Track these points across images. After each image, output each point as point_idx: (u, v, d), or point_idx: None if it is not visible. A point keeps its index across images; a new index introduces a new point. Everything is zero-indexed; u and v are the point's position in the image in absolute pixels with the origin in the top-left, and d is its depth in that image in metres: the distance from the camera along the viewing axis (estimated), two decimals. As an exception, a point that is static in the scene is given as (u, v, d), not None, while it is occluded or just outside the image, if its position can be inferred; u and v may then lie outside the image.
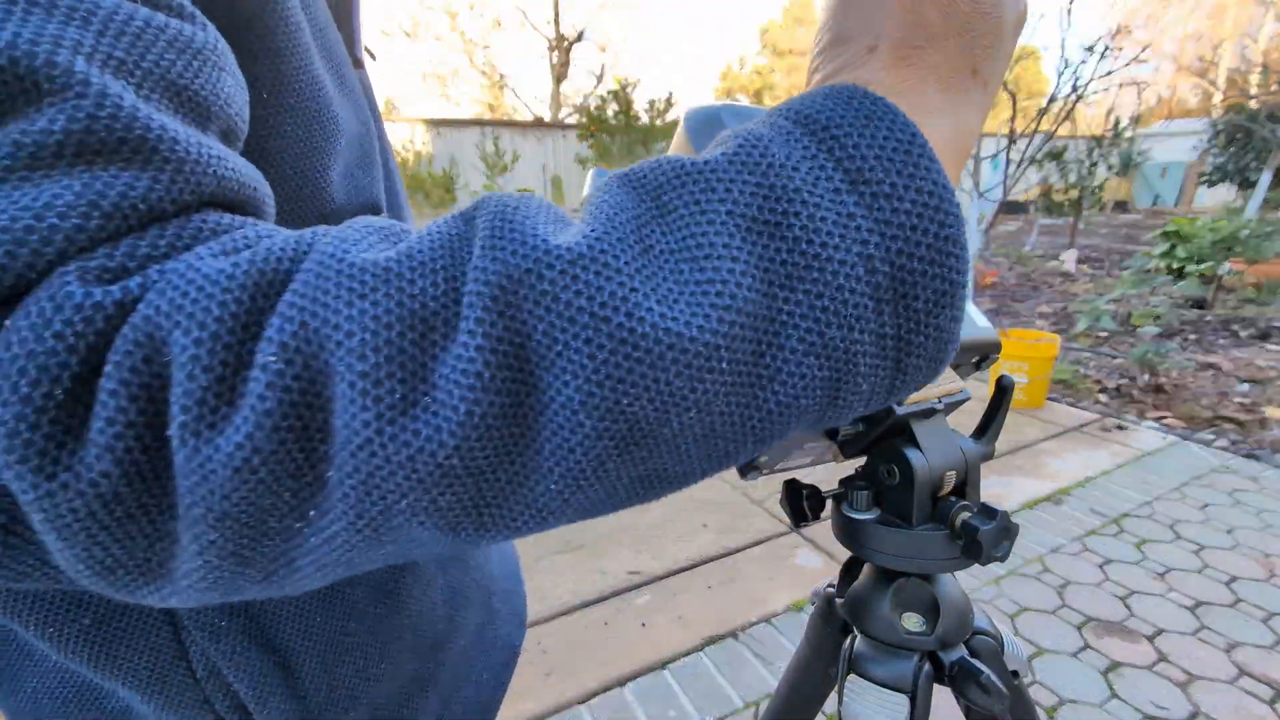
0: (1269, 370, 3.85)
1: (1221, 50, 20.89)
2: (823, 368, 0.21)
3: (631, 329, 0.19)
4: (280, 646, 0.35)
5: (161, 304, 0.18)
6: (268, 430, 0.18)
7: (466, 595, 0.48)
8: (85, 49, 0.19)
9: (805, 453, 0.54)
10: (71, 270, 0.18)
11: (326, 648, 0.37)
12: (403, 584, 0.41)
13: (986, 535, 0.44)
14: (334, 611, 0.37)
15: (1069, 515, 2.33)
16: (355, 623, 0.39)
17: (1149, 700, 1.49)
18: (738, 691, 1.53)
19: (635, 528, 2.29)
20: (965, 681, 0.48)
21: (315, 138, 0.33)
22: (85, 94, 0.18)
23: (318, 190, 0.34)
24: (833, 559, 2.07)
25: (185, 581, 0.20)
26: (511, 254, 0.19)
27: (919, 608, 0.51)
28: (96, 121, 0.18)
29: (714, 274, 0.19)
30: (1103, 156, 8.99)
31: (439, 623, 0.44)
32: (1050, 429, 3.13)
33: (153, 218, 0.19)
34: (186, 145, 0.20)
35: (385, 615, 0.40)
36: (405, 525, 0.20)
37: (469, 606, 0.48)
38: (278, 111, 0.31)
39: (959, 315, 0.22)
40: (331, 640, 0.38)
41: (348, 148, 0.37)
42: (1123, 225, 12.11)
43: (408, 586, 0.42)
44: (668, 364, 0.19)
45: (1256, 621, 1.76)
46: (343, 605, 0.38)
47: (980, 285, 6.53)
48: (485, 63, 20.10)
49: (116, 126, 0.18)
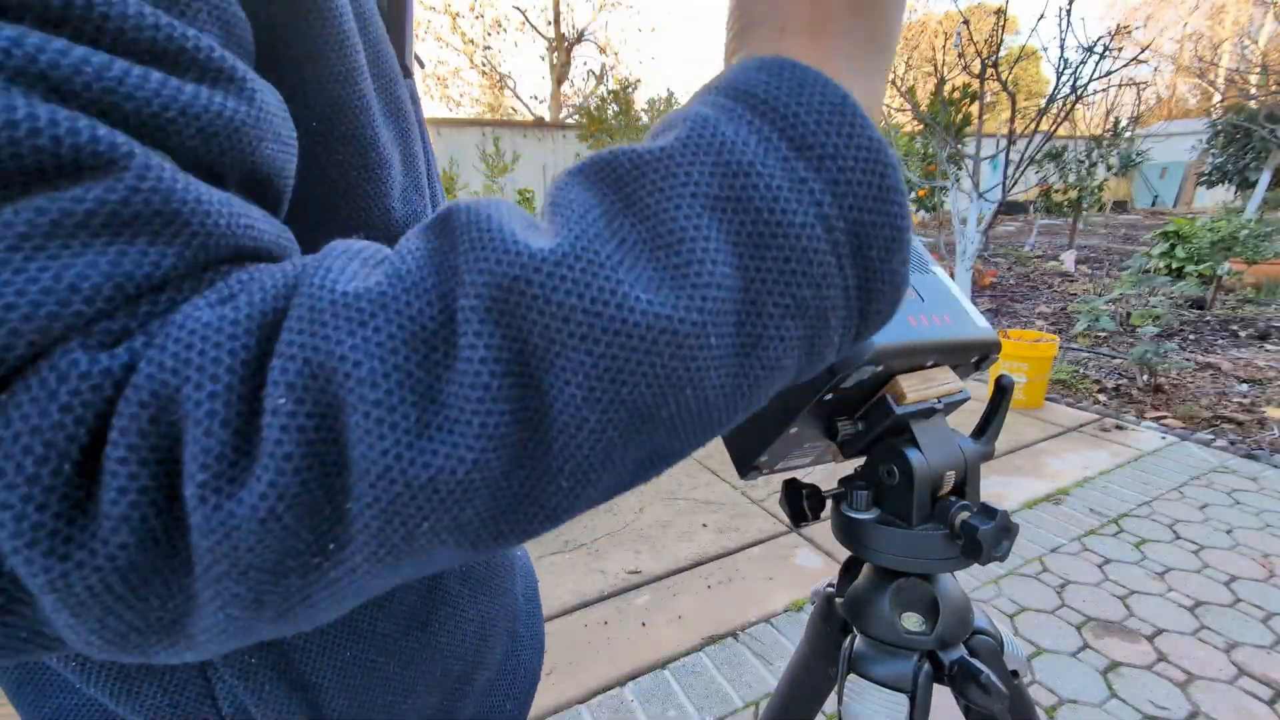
0: (1268, 370, 3.85)
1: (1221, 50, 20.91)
2: (799, 326, 0.22)
3: (624, 320, 0.19)
4: (309, 683, 0.34)
5: (165, 360, 0.17)
6: (289, 475, 0.18)
7: (494, 625, 0.46)
8: (131, 125, 0.18)
9: (805, 453, 0.54)
10: (74, 338, 0.17)
11: (355, 682, 0.36)
12: (435, 616, 0.40)
13: (986, 535, 0.44)
14: (364, 645, 0.36)
15: (1068, 515, 2.33)
16: (384, 657, 0.37)
17: (1148, 700, 1.49)
18: (738, 691, 1.53)
19: (635, 528, 2.29)
20: (965, 681, 0.48)
21: (371, 165, 0.33)
22: (129, 166, 0.18)
23: (374, 220, 0.33)
24: (833, 559, 2.07)
25: (203, 637, 0.20)
26: (496, 263, 0.19)
27: (919, 607, 0.51)
28: (136, 194, 0.18)
29: (690, 256, 0.20)
30: (1102, 157, 9.00)
31: (468, 654, 0.43)
32: (1049, 429, 3.13)
33: (165, 285, 0.19)
34: (217, 215, 0.20)
35: (416, 648, 0.39)
36: (427, 547, 0.20)
37: (495, 636, 0.46)
38: (328, 141, 0.31)
39: (908, 258, 0.23)
40: (360, 675, 0.36)
41: (403, 172, 0.36)
42: (1122, 225, 12.12)
43: (440, 619, 0.40)
44: (661, 348, 0.19)
45: (1256, 621, 1.76)
46: (373, 638, 0.36)
47: (980, 285, 6.53)
48: (485, 63, 20.11)
49: (155, 200, 0.18)
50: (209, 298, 0.19)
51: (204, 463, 0.17)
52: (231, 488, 0.17)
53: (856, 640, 0.54)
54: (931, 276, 0.52)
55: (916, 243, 0.56)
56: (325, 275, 0.20)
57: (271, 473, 0.17)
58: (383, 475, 0.18)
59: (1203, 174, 12.26)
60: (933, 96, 6.17)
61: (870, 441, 0.50)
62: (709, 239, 0.20)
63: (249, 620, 0.20)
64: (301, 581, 0.20)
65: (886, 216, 0.22)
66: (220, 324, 0.18)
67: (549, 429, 0.20)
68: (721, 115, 0.22)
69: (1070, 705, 1.48)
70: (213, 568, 0.18)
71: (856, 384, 0.44)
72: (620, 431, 0.20)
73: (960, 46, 4.64)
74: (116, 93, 0.18)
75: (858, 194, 0.21)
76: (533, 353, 0.19)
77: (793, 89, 0.22)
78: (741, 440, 0.54)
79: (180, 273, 0.19)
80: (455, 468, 0.19)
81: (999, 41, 4.49)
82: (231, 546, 0.18)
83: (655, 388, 0.20)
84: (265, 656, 0.33)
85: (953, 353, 0.49)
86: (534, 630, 0.55)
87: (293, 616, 0.21)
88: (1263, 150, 10.85)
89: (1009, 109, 4.43)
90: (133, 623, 0.18)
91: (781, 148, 0.21)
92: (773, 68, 0.23)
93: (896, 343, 0.44)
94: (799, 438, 0.50)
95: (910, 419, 0.47)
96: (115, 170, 0.18)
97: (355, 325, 0.19)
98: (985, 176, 4.72)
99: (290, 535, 0.18)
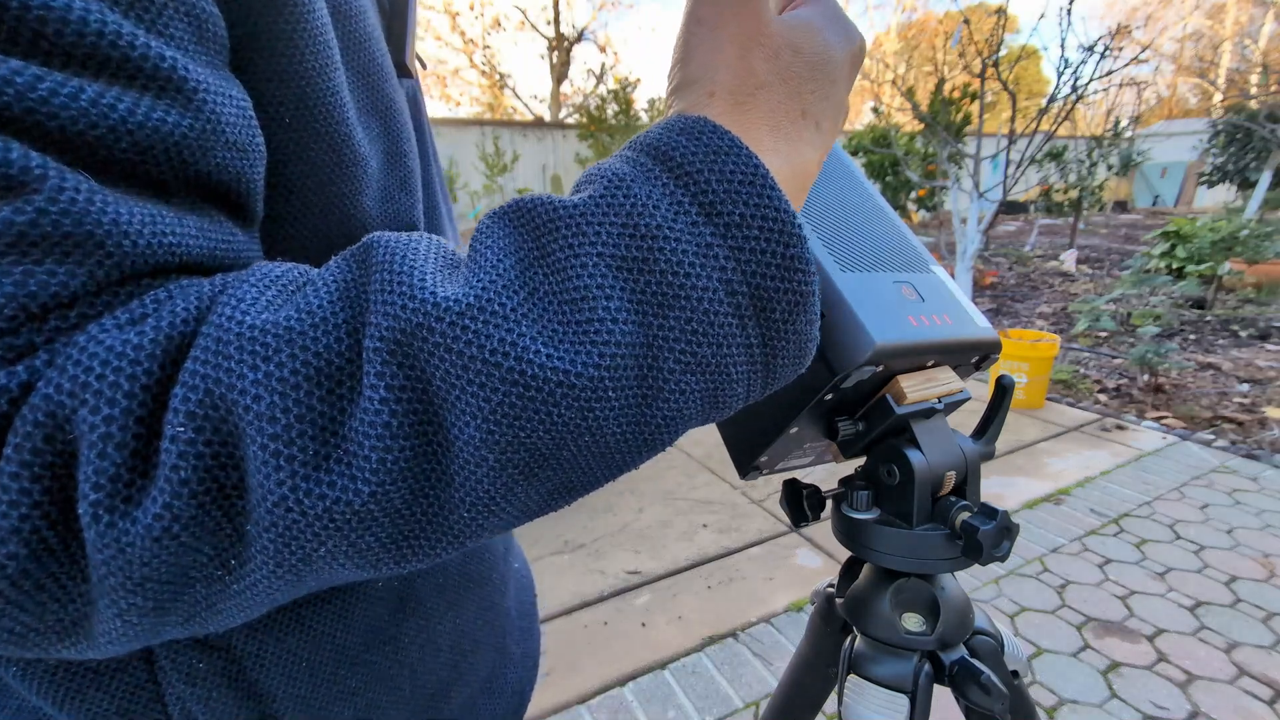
0: (1269, 370, 3.85)
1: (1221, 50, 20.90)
2: (699, 381, 0.23)
3: (522, 371, 0.20)
4: (261, 691, 0.32)
5: (63, 382, 0.18)
6: (185, 498, 0.18)
7: (476, 639, 0.44)
8: (54, 142, 0.18)
9: (805, 453, 0.54)
10: None
11: (313, 693, 0.34)
12: (404, 629, 0.38)
13: (986, 535, 0.44)
14: (322, 656, 0.34)
15: (1069, 515, 2.33)
16: (346, 670, 0.35)
17: (1149, 700, 1.49)
18: (738, 691, 1.53)
19: (635, 528, 2.29)
20: (965, 681, 0.48)
21: (345, 163, 0.32)
22: (40, 189, 0.18)
23: (348, 216, 0.33)
24: (833, 559, 2.07)
25: (104, 639, 0.20)
26: (402, 308, 0.20)
27: (919, 608, 0.51)
28: (45, 216, 0.18)
29: (592, 313, 0.21)
30: (1103, 156, 8.99)
31: (441, 670, 0.41)
32: (1050, 429, 3.13)
33: (74, 303, 0.19)
34: (136, 235, 0.20)
35: (381, 662, 0.37)
36: (326, 567, 0.21)
37: (478, 651, 0.44)
38: (301, 136, 0.30)
39: (814, 318, 0.25)
40: (319, 688, 0.34)
41: (386, 170, 0.36)
42: (1122, 225, 12.12)
43: (410, 632, 0.38)
44: (558, 399, 0.20)
45: (1256, 621, 1.76)
46: (333, 649, 0.34)
47: (980, 285, 6.53)
48: (485, 63, 20.12)
49: (65, 222, 0.18)
50: (119, 317, 0.20)
51: (96, 482, 0.18)
52: (126, 506, 0.18)
53: (857, 640, 0.54)
54: (931, 276, 0.52)
55: (917, 242, 0.56)
56: (238, 305, 0.20)
57: (167, 495, 0.18)
58: (279, 504, 0.19)
59: (1203, 174, 12.26)
60: (933, 96, 6.17)
61: (870, 441, 0.50)
62: (611, 298, 0.21)
63: (152, 624, 0.20)
64: (206, 591, 0.20)
65: (789, 284, 0.23)
66: (124, 348, 0.19)
67: (450, 465, 0.20)
68: (638, 175, 0.23)
69: (1070, 705, 1.48)
70: (107, 579, 0.18)
71: (856, 384, 0.44)
72: (520, 470, 0.21)
73: (960, 45, 4.64)
74: (39, 111, 0.18)
75: (761, 261, 0.22)
76: (435, 394, 0.20)
77: (708, 155, 0.23)
78: (741, 440, 0.54)
79: (91, 291, 0.20)
80: (352, 499, 0.19)
81: (999, 41, 4.49)
82: (125, 561, 0.18)
83: (553, 434, 0.21)
84: (213, 662, 0.31)
85: (953, 353, 0.49)
86: (527, 648, 0.52)
87: (200, 621, 0.21)
88: (1263, 150, 10.84)
89: (1009, 108, 4.43)
90: (30, 624, 0.19)
91: (692, 212, 0.22)
92: (693, 131, 0.23)
93: (897, 343, 0.44)
94: (799, 438, 0.50)
95: (910, 419, 0.47)
96: (25, 191, 0.18)
97: (260, 360, 0.19)
98: (986, 176, 4.72)
99: (190, 551, 0.19)
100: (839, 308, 0.44)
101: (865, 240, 0.51)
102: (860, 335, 0.43)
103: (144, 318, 0.20)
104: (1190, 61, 22.25)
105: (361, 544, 0.20)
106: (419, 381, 0.20)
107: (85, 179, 0.19)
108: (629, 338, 0.21)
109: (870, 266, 0.49)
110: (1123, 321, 4.60)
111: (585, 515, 2.40)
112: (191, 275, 0.23)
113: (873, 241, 0.52)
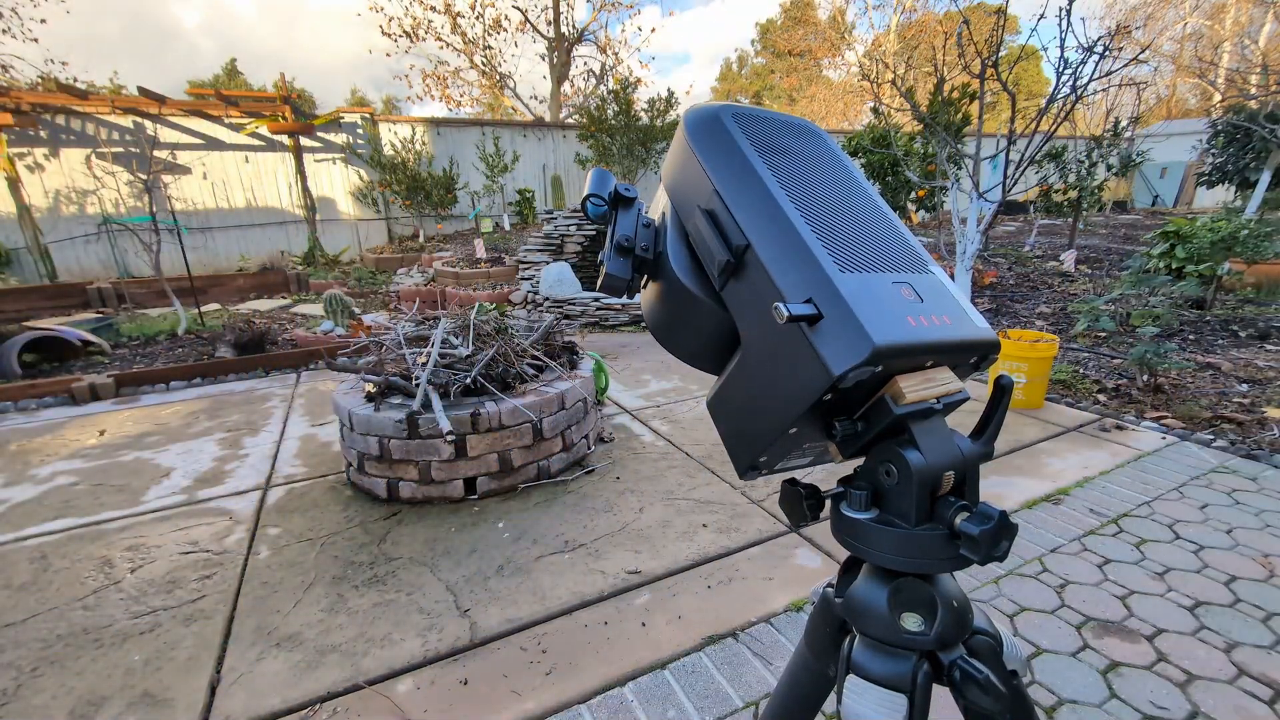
0: (1268, 370, 3.85)
1: (1221, 50, 20.90)
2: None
3: None
4: None
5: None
6: None
7: None
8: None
9: (805, 453, 0.54)
10: None
11: None
12: None
13: (985, 535, 0.44)
14: None
15: (1068, 515, 2.33)
16: None
17: (1149, 700, 1.49)
18: (737, 691, 1.53)
19: (635, 528, 2.29)
20: (964, 681, 0.48)
21: None
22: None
23: None
24: (832, 559, 2.07)
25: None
26: None
27: (918, 608, 0.51)
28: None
29: None
30: (1102, 156, 8.98)
31: None
32: (1049, 429, 3.13)
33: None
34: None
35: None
36: None
37: None
38: None
39: None
40: None
41: None
42: (1122, 225, 12.11)
43: None
44: None
45: (1256, 621, 1.76)
46: None
47: (980, 285, 6.52)
48: (485, 63, 20.09)
49: None
50: None
51: None
52: None
53: (856, 640, 0.54)
54: (930, 277, 0.52)
55: (916, 243, 0.56)
56: None
57: None
58: None
59: (1203, 174, 12.25)
60: (933, 96, 6.16)
61: (869, 441, 0.50)
62: None
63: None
64: None
65: None
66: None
67: None
68: None
69: (1070, 705, 1.48)
70: None
71: (856, 384, 0.44)
72: None
73: (960, 45, 4.64)
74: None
75: None
76: None
77: None
78: (741, 441, 0.54)
79: None
80: None
81: (999, 41, 4.49)
82: None
83: None
84: None
85: (952, 353, 0.49)
86: None
87: None
88: (1263, 150, 10.84)
89: (1009, 109, 4.43)
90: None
91: None
92: None
93: (895, 343, 0.44)
94: (799, 438, 0.50)
95: (909, 419, 0.47)
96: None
97: None
98: (985, 176, 4.72)
99: None
100: (838, 308, 0.44)
101: (864, 241, 0.52)
102: (859, 336, 0.43)
103: None
104: (1190, 61, 22.24)
105: None
106: None
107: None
108: None
109: (869, 267, 0.49)
110: (1122, 321, 4.60)
111: (585, 515, 2.40)
112: None
113: (872, 242, 0.52)
